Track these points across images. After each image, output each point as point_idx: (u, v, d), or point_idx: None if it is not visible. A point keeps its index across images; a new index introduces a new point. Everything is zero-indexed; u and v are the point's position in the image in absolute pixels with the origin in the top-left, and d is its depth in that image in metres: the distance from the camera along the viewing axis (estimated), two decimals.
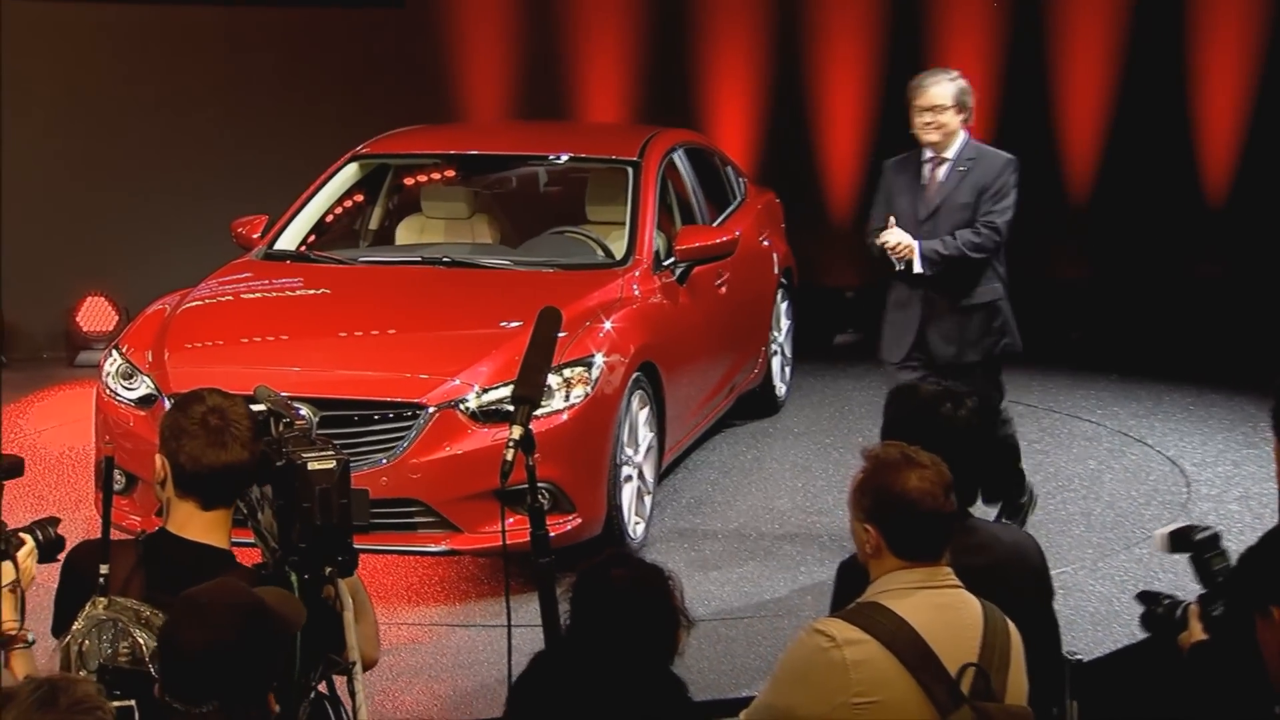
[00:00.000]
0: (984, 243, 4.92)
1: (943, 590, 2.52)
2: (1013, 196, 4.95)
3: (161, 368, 4.98)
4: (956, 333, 4.96)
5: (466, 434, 4.76)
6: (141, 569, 2.53)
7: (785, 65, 8.52)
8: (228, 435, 2.55)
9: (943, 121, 4.92)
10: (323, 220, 6.11)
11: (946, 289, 4.94)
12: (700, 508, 5.76)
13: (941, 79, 4.97)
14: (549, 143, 6.61)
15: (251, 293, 5.63)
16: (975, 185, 4.93)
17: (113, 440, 5.00)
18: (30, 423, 6.88)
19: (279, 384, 4.34)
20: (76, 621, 2.48)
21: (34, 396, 7.34)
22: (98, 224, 7.97)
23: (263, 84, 8.07)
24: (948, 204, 4.94)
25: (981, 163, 4.95)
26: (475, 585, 5.00)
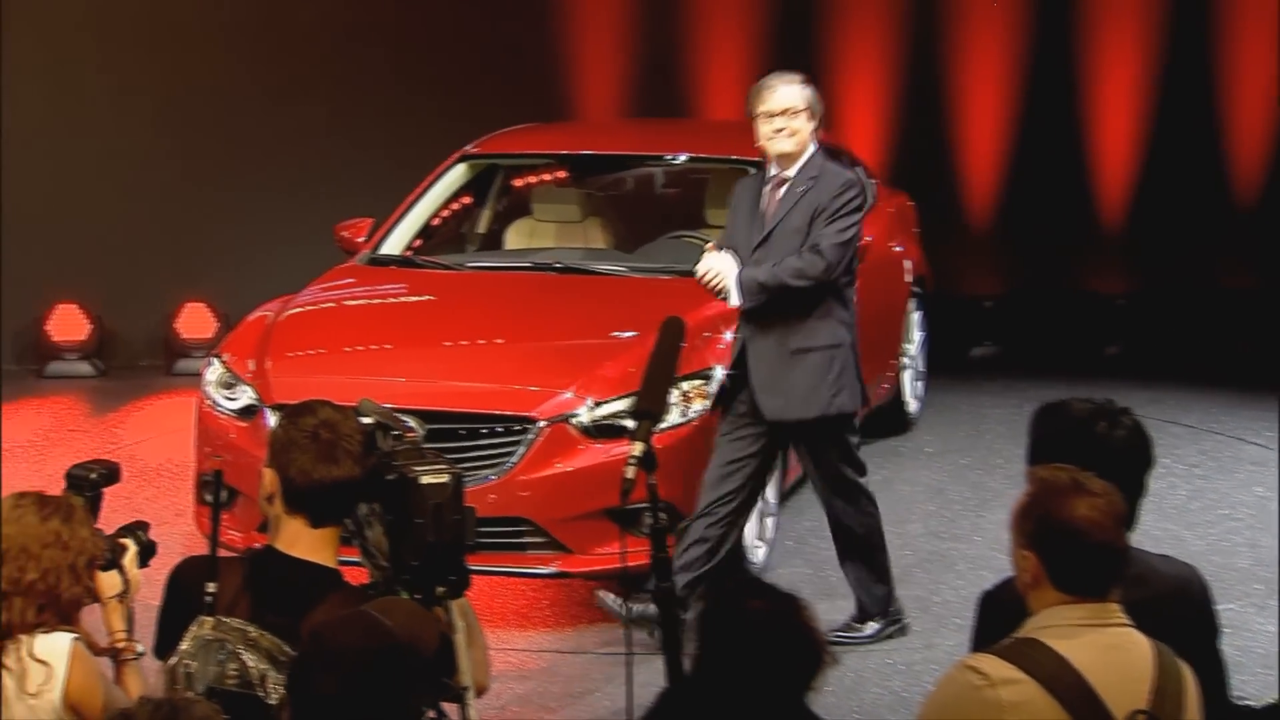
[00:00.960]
0: (806, 268, 4.41)
1: (1110, 629, 2.45)
2: (849, 220, 4.46)
3: (263, 377, 5.08)
4: (782, 382, 4.47)
5: (579, 450, 4.78)
6: (249, 588, 2.57)
7: (919, 58, 8.42)
8: (339, 450, 2.58)
9: (796, 127, 4.49)
10: (429, 223, 6.19)
11: (772, 328, 4.50)
12: (825, 530, 5.62)
13: (792, 80, 4.56)
14: (666, 142, 6.62)
15: (355, 299, 5.74)
16: (810, 207, 4.48)
17: (213, 451, 5.12)
18: (128, 433, 7.09)
19: (383, 395, 4.44)
20: (183, 641, 2.54)
21: (131, 405, 7.55)
22: (197, 228, 8.17)
23: (369, 81, 8.21)
24: (781, 229, 4.50)
25: (821, 182, 4.52)
26: (587, 610, 4.99)
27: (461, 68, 8.26)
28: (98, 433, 7.02)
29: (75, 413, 7.54)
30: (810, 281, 4.44)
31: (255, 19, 8.19)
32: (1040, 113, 8.37)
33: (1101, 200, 8.47)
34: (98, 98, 8.08)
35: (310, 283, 5.74)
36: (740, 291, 4.46)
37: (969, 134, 8.50)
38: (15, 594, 2.56)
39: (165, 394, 7.71)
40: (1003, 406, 7.07)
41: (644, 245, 6.09)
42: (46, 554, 2.59)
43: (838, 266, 4.46)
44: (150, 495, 6.08)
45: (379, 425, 2.67)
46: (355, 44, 8.21)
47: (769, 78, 4.60)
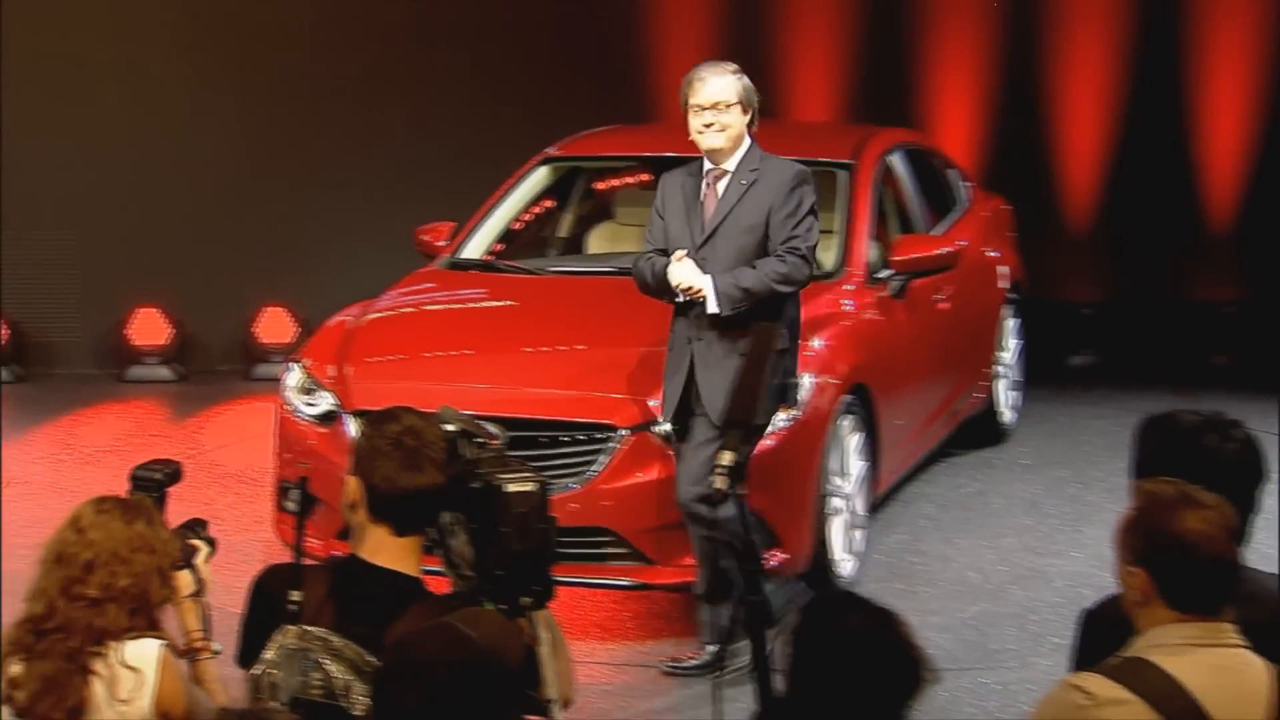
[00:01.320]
0: (792, 273, 4.36)
1: (1223, 649, 2.39)
2: (813, 218, 4.41)
3: (343, 383, 5.13)
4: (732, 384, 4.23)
5: (662, 459, 4.78)
6: (333, 597, 2.60)
7: (1016, 56, 8.31)
8: (423, 457, 2.60)
9: (727, 122, 4.40)
10: (510, 227, 6.22)
11: (727, 333, 4.36)
12: (916, 545, 5.66)
13: (724, 71, 4.46)
14: None
15: (436, 304, 5.77)
16: (762, 202, 4.38)
17: (294, 458, 5.18)
18: (207, 438, 7.21)
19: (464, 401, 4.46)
20: (267, 650, 2.57)
21: (211, 410, 7.68)
22: (277, 232, 8.29)
23: (451, 82, 8.28)
24: (729, 225, 4.41)
25: (768, 174, 4.41)
26: (669, 623, 5.00)
27: (544, 68, 8.31)
28: (177, 438, 7.14)
29: (155, 417, 7.68)
30: (795, 286, 4.39)
31: (336, 19, 8.29)
32: (1144, 111, 8.23)
33: (1209, 203, 8.30)
34: (178, 100, 8.23)
35: (390, 287, 5.79)
36: (720, 299, 4.34)
37: (1068, 133, 8.37)
38: (108, 600, 2.61)
39: (244, 399, 7.83)
40: (1102, 418, 6.98)
41: None
42: (137, 558, 2.64)
43: (812, 267, 4.46)
44: (229, 502, 6.18)
45: (462, 432, 2.69)
46: (436, 44, 8.28)
47: (699, 68, 4.50)
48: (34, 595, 2.65)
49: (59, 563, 2.63)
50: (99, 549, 2.62)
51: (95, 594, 2.61)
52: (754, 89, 4.50)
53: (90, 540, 2.63)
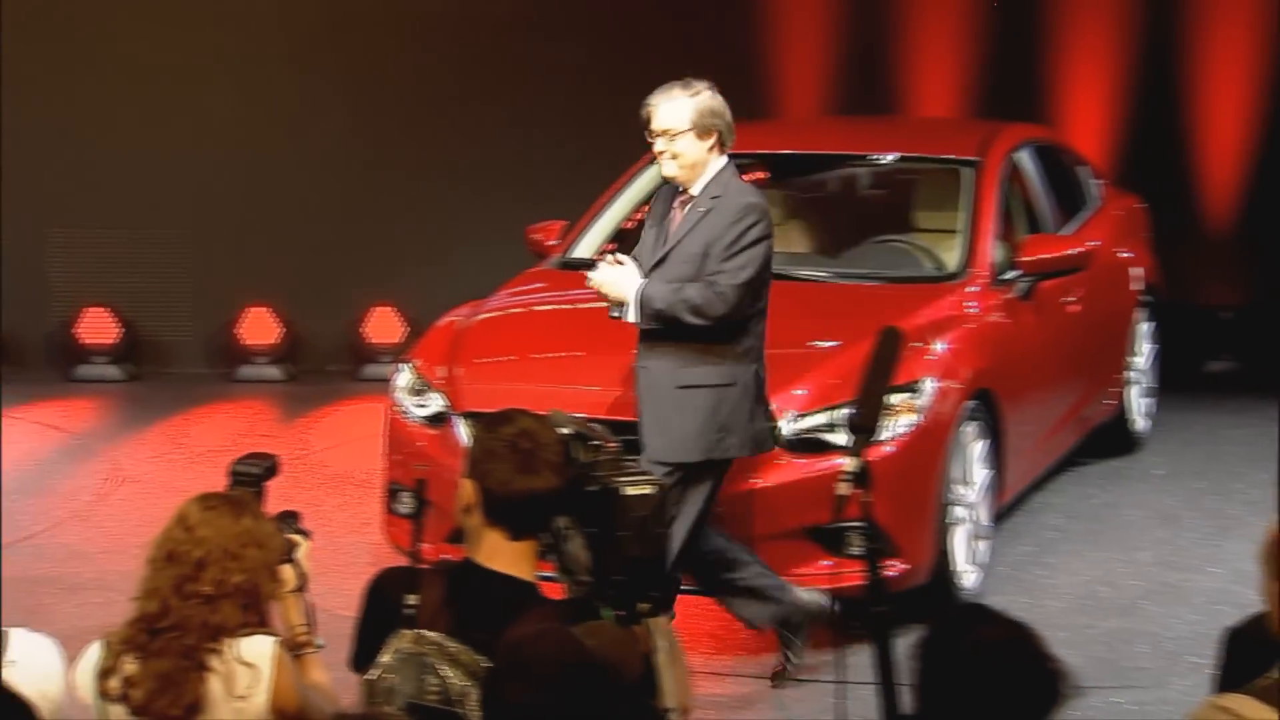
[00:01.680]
0: (704, 307, 4.22)
1: None
2: (751, 255, 4.23)
3: (454, 384, 5.17)
4: (667, 421, 4.27)
5: (777, 465, 4.76)
6: (448, 601, 2.62)
7: (1153, 46, 8.13)
8: (538, 460, 2.61)
9: (677, 150, 4.28)
10: (622, 226, 6.23)
11: (665, 359, 4.30)
12: (1043, 557, 5.57)
13: (677, 95, 4.33)
14: (873, 141, 6.54)
15: (547, 305, 5.79)
16: (708, 232, 4.29)
17: (402, 459, 5.24)
18: (316, 439, 7.33)
19: (575, 403, 4.52)
20: (383, 654, 2.60)
21: (319, 411, 7.81)
22: (387, 231, 8.40)
23: (562, 79, 8.32)
24: (678, 251, 4.32)
25: (723, 204, 4.29)
26: None
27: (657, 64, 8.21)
28: (286, 438, 7.27)
29: (264, 417, 7.84)
30: (707, 322, 4.26)
31: (447, 17, 8.38)
32: None
33: None
34: (289, 99, 8.39)
35: (500, 287, 5.83)
36: (638, 309, 4.29)
37: (1208, 128, 8.16)
38: (222, 597, 2.66)
39: (353, 400, 7.95)
40: (1242, 427, 6.82)
41: (848, 250, 6.03)
42: (247, 554, 2.69)
43: (739, 309, 4.25)
44: (338, 503, 6.27)
45: (576, 435, 2.70)
46: (549, 40, 8.32)
47: (655, 92, 4.39)
48: (147, 594, 2.70)
49: (170, 561, 2.68)
50: (210, 546, 2.67)
51: (209, 591, 2.66)
52: (719, 111, 4.33)
53: (200, 538, 2.68)
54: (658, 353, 4.33)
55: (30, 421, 7.65)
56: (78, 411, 7.94)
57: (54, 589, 5.33)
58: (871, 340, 3.26)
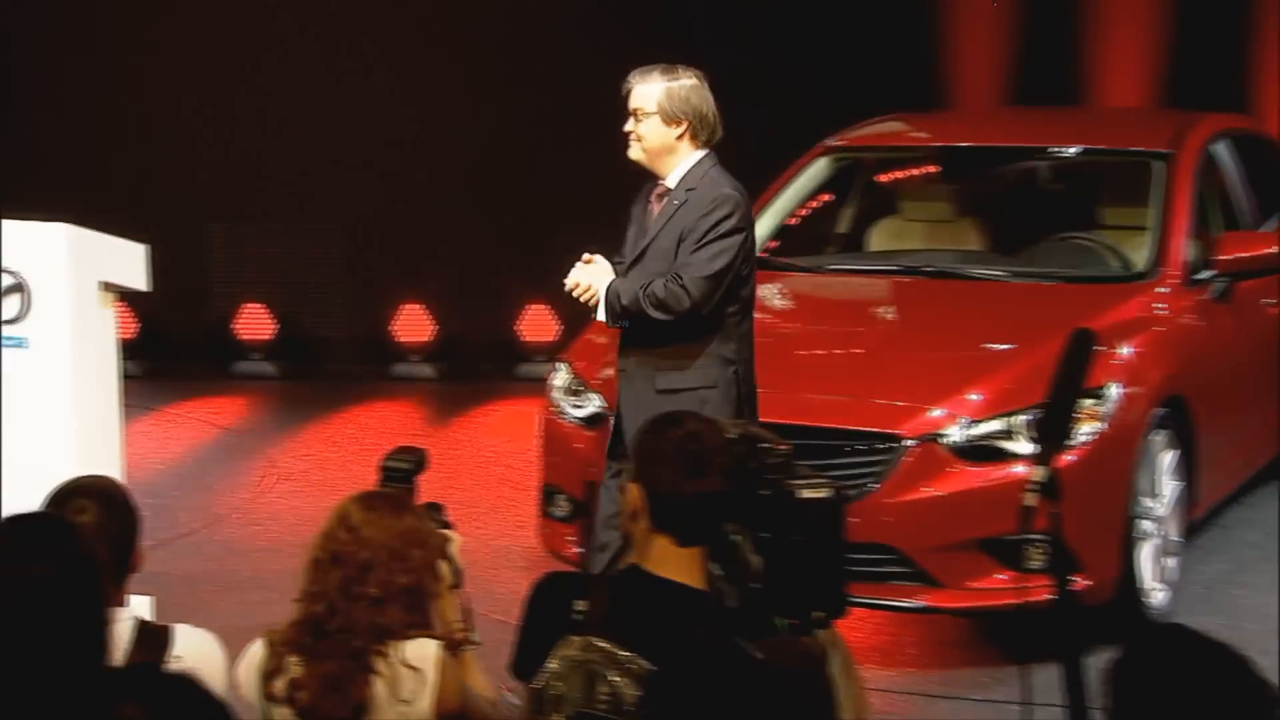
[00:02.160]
0: (668, 300, 4.13)
1: None
2: (721, 246, 4.12)
3: (612, 385, 5.17)
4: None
5: (950, 472, 4.67)
6: (615, 608, 2.61)
7: None
8: (707, 463, 2.60)
9: (641, 133, 4.21)
10: (785, 222, 6.20)
11: (646, 363, 4.22)
12: (1240, 575, 5.39)
13: (654, 77, 4.22)
14: (1054, 133, 6.40)
15: None
16: (679, 227, 4.20)
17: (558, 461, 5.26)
18: (470, 439, 7.43)
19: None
20: (550, 661, 2.60)
21: (473, 411, 7.91)
22: (541, 228, 8.43)
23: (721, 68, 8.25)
24: (653, 247, 4.25)
25: (694, 198, 4.20)
26: (956, 650, 4.89)
27: (823, 53, 8.23)
28: (440, 438, 7.37)
29: (418, 416, 7.97)
30: (671, 316, 4.16)
31: (604, 11, 8.41)
32: None
33: None
34: (445, 98, 8.51)
35: None
36: (605, 307, 4.23)
37: None
38: (388, 599, 2.69)
39: (507, 399, 8.04)
40: None
41: (1027, 248, 5.89)
42: (412, 554, 2.71)
43: (706, 302, 4.15)
44: (492, 505, 6.34)
45: (745, 437, 2.67)
46: (705, 31, 8.30)
47: (637, 70, 4.32)
48: (313, 596, 2.74)
49: (336, 563, 2.72)
50: (375, 548, 2.70)
51: (376, 593, 2.68)
52: (694, 103, 4.25)
53: (365, 539, 2.71)
54: (636, 356, 4.27)
55: (189, 417, 7.90)
56: (235, 407, 8.18)
57: (213, 586, 5.47)
58: (1054, 343, 3.18)
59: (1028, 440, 4.61)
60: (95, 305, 4.25)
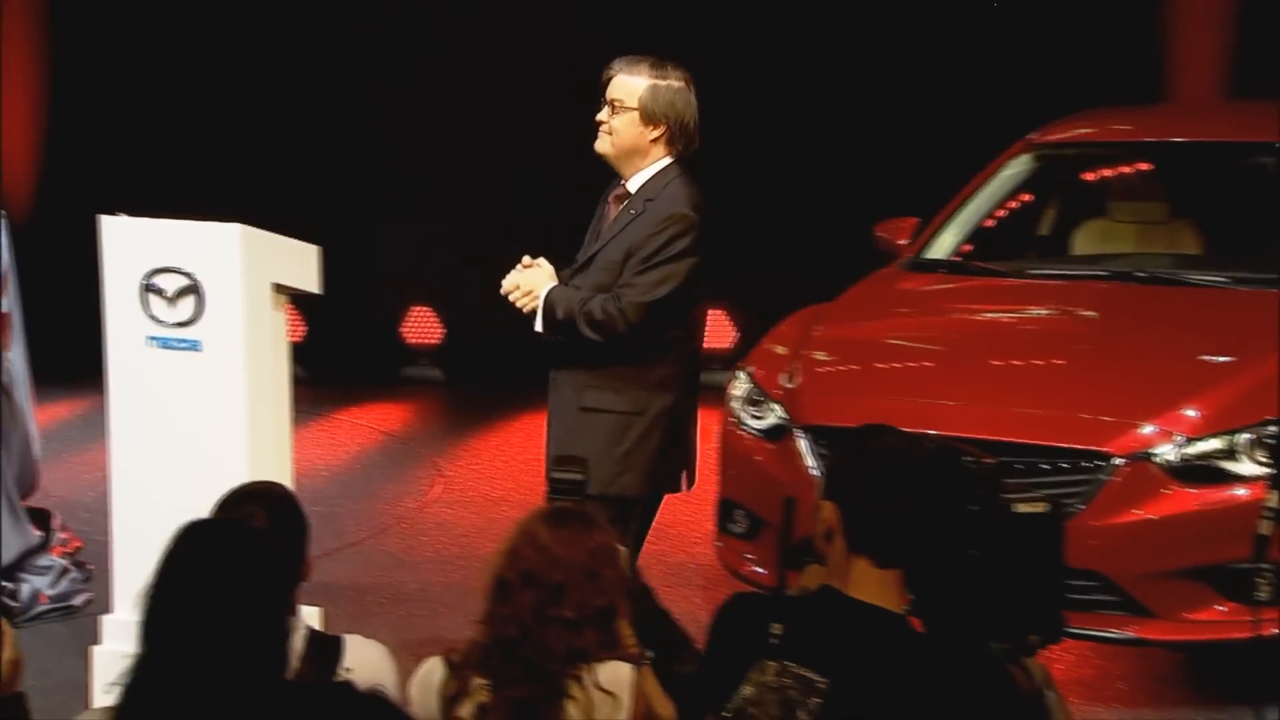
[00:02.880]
0: (604, 321, 4.03)
1: None
2: (669, 270, 4.02)
3: (793, 396, 5.12)
4: (571, 444, 4.00)
5: (1164, 494, 4.52)
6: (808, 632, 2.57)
7: None
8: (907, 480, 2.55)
9: (616, 126, 4.08)
10: (982, 224, 6.08)
11: (573, 377, 4.12)
12: None
13: (642, 71, 4.10)
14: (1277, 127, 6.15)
15: (897, 310, 5.69)
16: (631, 239, 4.07)
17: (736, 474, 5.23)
18: None
19: (929, 419, 4.43)
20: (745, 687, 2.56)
21: None
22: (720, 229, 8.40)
23: (914, 60, 8.18)
24: (601, 257, 4.14)
25: (652, 209, 4.07)
26: (1173, 687, 4.75)
27: (1026, 42, 8.06)
28: None
29: None
30: (603, 337, 4.06)
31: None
32: None
33: None
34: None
35: (845, 290, 5.75)
36: (543, 316, 4.12)
37: None
38: (583, 621, 2.69)
39: None
40: None
41: (1248, 252, 5.68)
42: (606, 574, 2.71)
43: (645, 328, 4.04)
44: (667, 520, 6.28)
45: (948, 452, 2.61)
46: (895, 19, 8.19)
47: (622, 58, 4.19)
48: (502, 619, 2.73)
49: (527, 584, 2.72)
50: (569, 568, 2.70)
51: (571, 615, 2.68)
52: (679, 108, 4.15)
53: (557, 559, 2.71)
54: (566, 369, 4.18)
55: (356, 423, 8.06)
56: (401, 414, 8.32)
57: (379, 598, 5.57)
58: None
59: (1253, 461, 4.44)
60: (268, 308, 4.34)
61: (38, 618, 5.23)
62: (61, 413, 7.95)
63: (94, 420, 7.47)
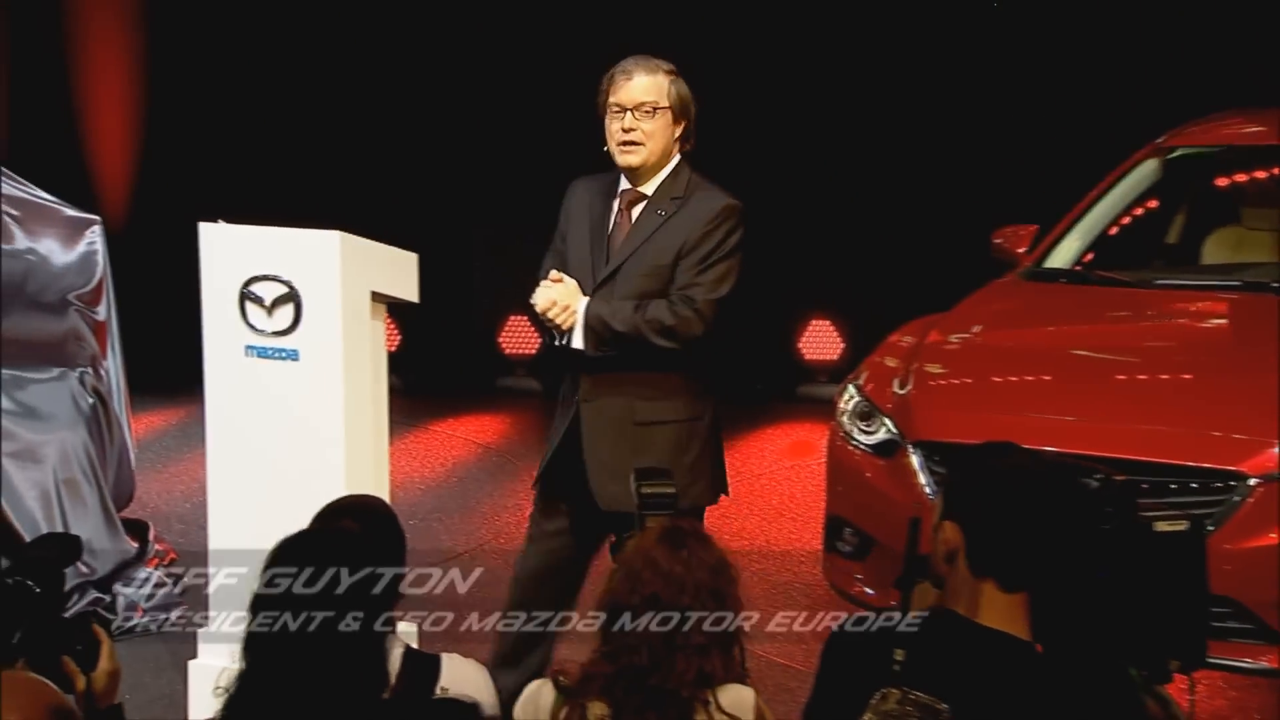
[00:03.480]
0: (678, 327, 4.00)
1: None
2: (728, 265, 4.04)
3: (905, 410, 5.08)
4: (626, 464, 3.86)
5: None
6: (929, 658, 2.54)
7: None
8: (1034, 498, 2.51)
9: (650, 131, 4.04)
10: (1106, 231, 6.00)
11: (618, 391, 4.04)
12: None
13: (657, 67, 4.08)
14: None
15: (1015, 322, 5.64)
16: (675, 240, 4.03)
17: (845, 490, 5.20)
18: (747, 465, 7.41)
19: (1048, 436, 4.39)
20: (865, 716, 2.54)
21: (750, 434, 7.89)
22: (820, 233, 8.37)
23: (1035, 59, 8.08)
24: (634, 264, 4.06)
25: (691, 206, 4.05)
26: None
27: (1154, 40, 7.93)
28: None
29: None
30: (677, 343, 4.03)
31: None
32: None
33: None
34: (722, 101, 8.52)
35: (960, 300, 5.69)
36: (585, 332, 4.03)
37: None
38: (712, 644, 2.68)
39: (785, 423, 8.01)
40: None
41: None
42: (729, 594, 2.71)
43: (715, 326, 4.07)
44: (772, 537, 6.32)
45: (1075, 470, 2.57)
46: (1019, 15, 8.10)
47: (627, 61, 4.13)
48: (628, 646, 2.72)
49: (654, 610, 2.71)
50: (695, 591, 2.70)
51: (701, 640, 2.68)
52: (691, 100, 4.15)
53: (681, 582, 2.70)
54: (608, 384, 4.09)
55: (452, 435, 8.12)
56: (499, 425, 8.37)
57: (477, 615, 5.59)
58: None
59: None
60: (366, 316, 4.39)
61: (133, 630, 5.33)
62: (157, 422, 8.10)
63: (190, 430, 7.63)
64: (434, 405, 8.47)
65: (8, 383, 5.52)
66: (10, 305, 5.69)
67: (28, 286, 5.77)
